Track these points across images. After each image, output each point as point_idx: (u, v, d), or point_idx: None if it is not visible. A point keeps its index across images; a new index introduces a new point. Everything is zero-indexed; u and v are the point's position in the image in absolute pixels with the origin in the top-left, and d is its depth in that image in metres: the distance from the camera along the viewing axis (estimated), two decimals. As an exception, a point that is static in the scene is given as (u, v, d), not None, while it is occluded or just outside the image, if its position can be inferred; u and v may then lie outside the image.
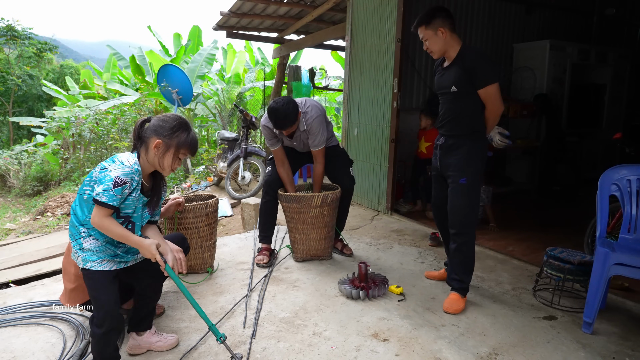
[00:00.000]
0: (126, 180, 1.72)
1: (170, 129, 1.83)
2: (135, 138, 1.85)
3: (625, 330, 2.29)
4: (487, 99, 2.40)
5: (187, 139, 1.86)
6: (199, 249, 2.89)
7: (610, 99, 6.39)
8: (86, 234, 1.81)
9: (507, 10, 5.95)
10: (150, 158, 1.84)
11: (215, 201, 2.95)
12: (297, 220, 3.07)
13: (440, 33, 2.39)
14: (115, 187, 1.69)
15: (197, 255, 2.91)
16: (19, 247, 4.62)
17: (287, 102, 2.89)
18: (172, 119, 1.87)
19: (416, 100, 5.45)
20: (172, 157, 1.85)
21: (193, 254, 2.89)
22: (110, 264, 1.81)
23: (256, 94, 10.69)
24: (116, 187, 1.70)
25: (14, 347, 2.08)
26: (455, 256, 2.53)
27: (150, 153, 1.83)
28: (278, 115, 2.88)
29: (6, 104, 14.44)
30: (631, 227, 2.38)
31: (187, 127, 1.89)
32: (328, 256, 3.23)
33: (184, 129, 1.87)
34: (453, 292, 2.52)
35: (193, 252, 2.87)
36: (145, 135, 1.84)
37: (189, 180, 6.91)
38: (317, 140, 3.05)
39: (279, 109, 2.87)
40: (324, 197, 2.98)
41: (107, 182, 1.70)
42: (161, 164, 1.85)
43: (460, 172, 2.45)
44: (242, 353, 2.01)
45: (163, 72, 7.24)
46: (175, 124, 1.85)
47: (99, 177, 1.75)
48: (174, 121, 1.86)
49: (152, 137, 1.82)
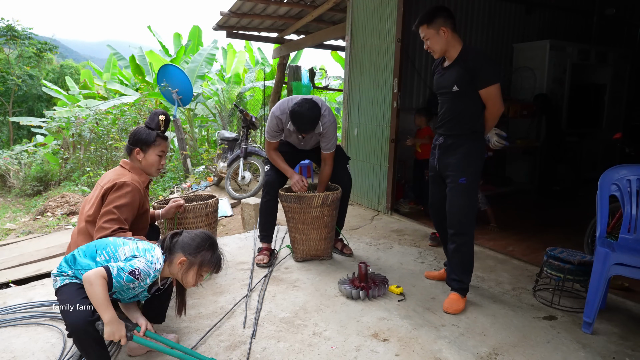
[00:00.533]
0: (141, 277, 1.72)
1: (197, 247, 1.82)
2: (164, 249, 1.84)
3: (625, 330, 2.29)
4: (488, 99, 2.40)
5: (211, 259, 1.84)
6: None
7: (610, 99, 6.39)
8: (73, 276, 1.77)
9: (507, 10, 5.96)
10: (173, 271, 1.83)
11: (215, 201, 2.95)
12: (298, 220, 3.07)
13: (442, 32, 2.39)
14: (128, 275, 1.69)
15: None
16: (19, 247, 4.62)
17: (312, 107, 2.86)
18: (200, 237, 1.86)
19: (416, 100, 5.45)
20: (195, 274, 1.83)
21: None
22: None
23: (256, 94, 10.70)
24: (129, 276, 1.69)
25: (14, 347, 2.08)
26: (454, 256, 2.53)
27: (174, 267, 1.82)
28: (303, 119, 2.85)
29: (6, 104, 14.44)
30: (631, 227, 2.38)
31: (214, 246, 1.87)
32: (328, 256, 3.23)
33: (210, 248, 1.86)
34: (453, 292, 2.52)
35: None
36: (174, 250, 1.83)
37: (189, 180, 6.91)
38: (330, 144, 3.06)
39: (304, 113, 2.83)
40: (324, 198, 2.98)
41: (128, 267, 1.69)
42: (184, 279, 1.84)
43: (459, 172, 2.45)
44: (242, 353, 2.01)
45: (163, 72, 7.24)
46: (202, 243, 1.84)
47: (126, 257, 1.75)
48: (201, 240, 1.85)
49: (178, 253, 1.82)
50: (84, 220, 2.20)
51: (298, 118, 2.86)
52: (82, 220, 2.22)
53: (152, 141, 2.33)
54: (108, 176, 2.26)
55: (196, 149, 9.39)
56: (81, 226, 2.20)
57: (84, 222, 2.19)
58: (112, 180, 2.20)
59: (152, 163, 2.35)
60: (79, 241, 2.15)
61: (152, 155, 2.34)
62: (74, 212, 6.59)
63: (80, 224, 2.22)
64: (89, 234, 2.16)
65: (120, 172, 2.29)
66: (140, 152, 2.33)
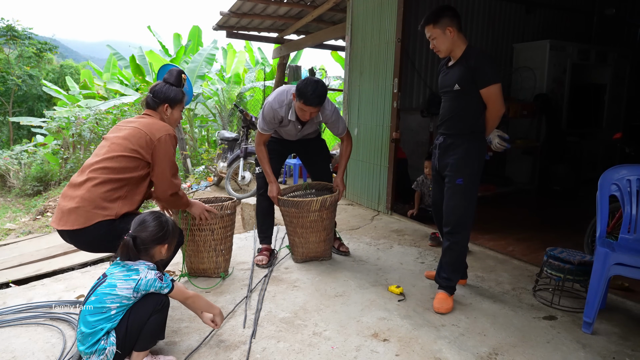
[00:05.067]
0: (162, 279, 1.86)
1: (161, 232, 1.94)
2: (134, 257, 1.86)
3: (625, 330, 2.29)
4: (489, 99, 2.40)
5: (174, 228, 2.00)
6: (213, 252, 2.81)
7: (610, 99, 6.39)
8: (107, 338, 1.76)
9: (507, 10, 5.96)
10: (159, 258, 1.97)
11: (232, 204, 2.84)
12: (296, 224, 3.02)
13: (448, 32, 2.39)
14: (157, 278, 1.83)
15: (210, 259, 2.82)
16: (19, 247, 4.63)
17: (318, 81, 2.86)
18: (153, 225, 1.91)
19: (416, 100, 5.45)
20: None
21: (206, 257, 2.81)
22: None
23: (256, 94, 10.70)
24: (158, 280, 1.84)
25: (14, 347, 2.08)
26: (446, 254, 2.54)
27: (157, 256, 1.96)
28: (318, 87, 2.80)
29: (6, 104, 14.44)
30: (631, 227, 2.38)
31: (162, 218, 1.99)
32: (328, 257, 3.22)
33: (165, 223, 1.99)
34: (440, 292, 2.52)
35: (206, 255, 2.81)
36: (147, 248, 1.90)
37: (189, 180, 6.91)
38: (340, 128, 3.15)
39: (319, 82, 2.83)
40: (322, 201, 2.94)
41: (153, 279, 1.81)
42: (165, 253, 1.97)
43: (456, 172, 2.46)
44: (242, 353, 2.01)
45: (163, 72, 7.23)
46: (158, 228, 1.92)
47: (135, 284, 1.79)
48: (156, 226, 1.92)
49: (153, 248, 1.92)
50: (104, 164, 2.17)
51: (313, 85, 2.80)
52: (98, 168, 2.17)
53: (180, 99, 2.46)
54: (150, 124, 2.27)
55: (196, 149, 9.40)
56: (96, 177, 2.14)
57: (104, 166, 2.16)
58: (164, 130, 2.28)
59: (177, 119, 2.49)
60: (96, 192, 2.11)
61: (177, 112, 2.47)
62: (74, 212, 6.58)
63: (94, 173, 2.16)
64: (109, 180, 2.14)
65: (158, 123, 2.33)
66: (168, 108, 2.42)
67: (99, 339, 1.72)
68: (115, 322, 1.76)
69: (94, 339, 1.72)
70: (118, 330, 1.76)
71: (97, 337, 1.72)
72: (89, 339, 1.72)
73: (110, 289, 1.76)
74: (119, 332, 1.76)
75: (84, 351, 1.73)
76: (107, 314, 1.75)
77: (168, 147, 2.27)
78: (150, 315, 1.82)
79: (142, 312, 1.80)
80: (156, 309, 1.83)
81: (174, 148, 2.34)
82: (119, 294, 1.76)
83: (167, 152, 2.27)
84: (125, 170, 2.18)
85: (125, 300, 1.77)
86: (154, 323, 1.83)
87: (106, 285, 1.77)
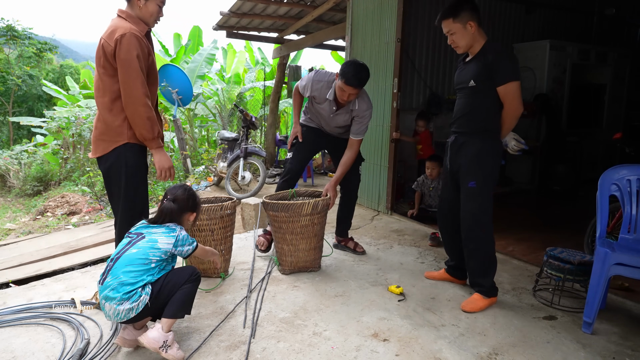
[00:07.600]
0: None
1: (191, 200, 2.22)
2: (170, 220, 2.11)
3: (625, 330, 2.29)
4: (506, 96, 2.30)
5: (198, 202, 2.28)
6: None
7: (610, 99, 6.39)
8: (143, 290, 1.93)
9: (507, 10, 5.96)
10: (186, 227, 2.23)
11: (232, 204, 2.84)
12: (285, 230, 2.85)
13: (469, 27, 2.29)
14: (188, 237, 2.11)
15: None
16: (19, 247, 4.62)
17: (364, 65, 2.89)
18: (184, 194, 2.18)
19: (416, 100, 5.45)
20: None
21: None
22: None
23: (256, 94, 10.69)
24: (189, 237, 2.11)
25: (14, 347, 2.08)
26: (469, 261, 2.53)
27: (186, 224, 2.23)
28: (361, 70, 2.83)
29: (6, 104, 14.44)
30: (631, 227, 2.38)
31: (190, 191, 2.24)
32: (317, 267, 3.03)
33: (193, 195, 2.24)
34: (475, 293, 2.52)
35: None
36: (181, 213, 2.17)
37: (189, 180, 6.91)
38: (361, 129, 3.09)
39: (364, 65, 2.87)
40: (314, 205, 2.82)
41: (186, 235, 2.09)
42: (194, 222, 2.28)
43: (469, 174, 2.39)
44: (242, 353, 2.01)
45: (163, 72, 7.24)
46: (188, 196, 2.19)
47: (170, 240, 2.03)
48: (187, 194, 2.19)
49: (184, 214, 2.19)
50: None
51: (360, 66, 2.84)
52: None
53: None
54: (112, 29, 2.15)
55: (196, 149, 9.39)
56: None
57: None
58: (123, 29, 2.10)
59: (152, 12, 2.26)
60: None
61: (152, 4, 2.24)
62: (74, 212, 6.59)
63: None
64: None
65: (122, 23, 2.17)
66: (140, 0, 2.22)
67: (137, 288, 1.88)
68: (153, 277, 1.94)
69: (133, 287, 1.88)
70: (154, 286, 1.93)
71: (136, 287, 1.88)
72: (127, 287, 1.88)
73: (153, 244, 1.97)
74: (154, 288, 1.93)
75: (120, 297, 1.87)
76: (148, 265, 1.93)
77: (129, 47, 2.05)
78: (185, 283, 1.98)
79: (178, 277, 1.99)
80: (190, 279, 2.00)
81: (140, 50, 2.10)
82: (161, 248, 1.97)
83: (128, 53, 2.05)
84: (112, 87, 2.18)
85: (163, 255, 1.98)
86: (185, 292, 1.97)
87: (147, 240, 1.98)
